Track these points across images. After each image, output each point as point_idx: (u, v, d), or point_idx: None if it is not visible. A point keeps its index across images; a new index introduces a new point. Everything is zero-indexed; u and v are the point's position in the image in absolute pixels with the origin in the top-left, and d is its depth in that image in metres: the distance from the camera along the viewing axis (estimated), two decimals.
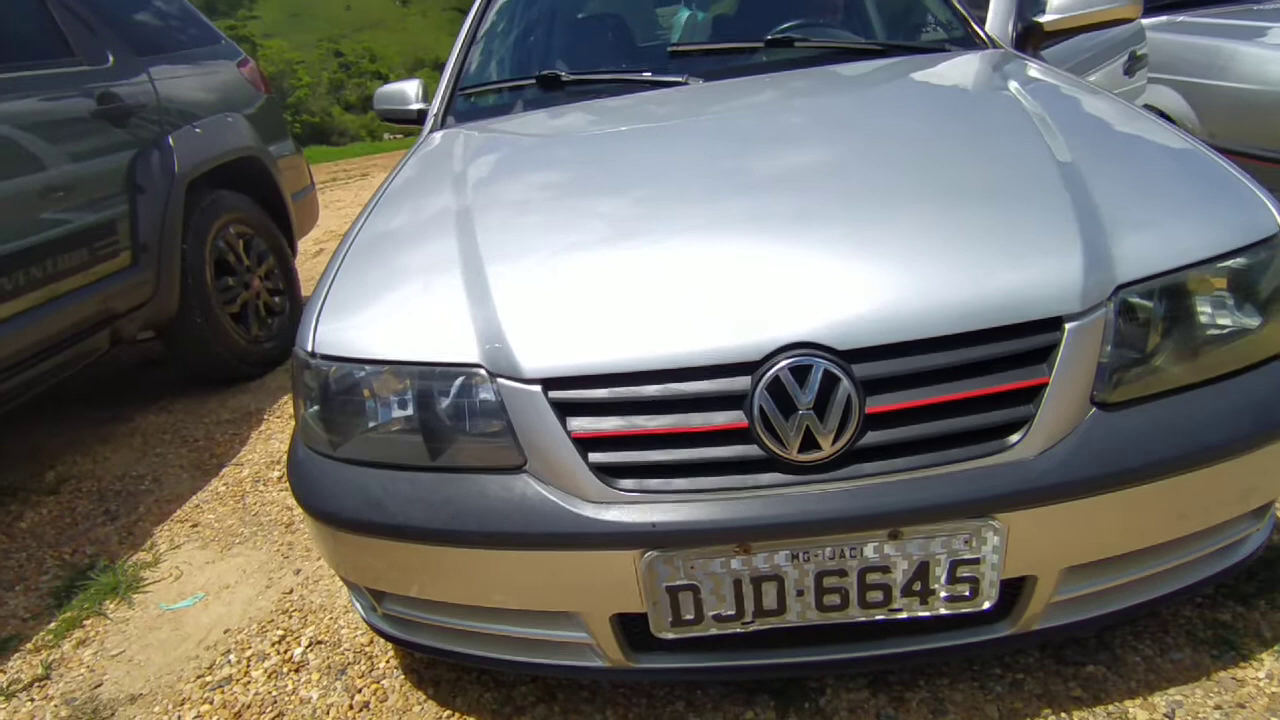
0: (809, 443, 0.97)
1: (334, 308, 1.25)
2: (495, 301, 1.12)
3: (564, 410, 1.03)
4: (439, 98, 2.21)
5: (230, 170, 3.06)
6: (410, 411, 1.12)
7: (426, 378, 1.11)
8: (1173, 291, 1.04)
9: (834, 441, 0.97)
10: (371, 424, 1.15)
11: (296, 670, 1.50)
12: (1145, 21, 3.18)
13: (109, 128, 2.50)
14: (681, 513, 0.99)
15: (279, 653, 1.55)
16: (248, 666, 1.52)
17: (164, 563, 1.95)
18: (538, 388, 1.03)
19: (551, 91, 2.05)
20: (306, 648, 1.55)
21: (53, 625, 1.74)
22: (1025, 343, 0.98)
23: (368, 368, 1.14)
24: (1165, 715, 1.15)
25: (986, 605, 1.03)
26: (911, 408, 0.98)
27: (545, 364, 1.03)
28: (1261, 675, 1.19)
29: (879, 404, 0.98)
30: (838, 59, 1.98)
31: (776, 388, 0.97)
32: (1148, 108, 3.04)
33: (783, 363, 0.97)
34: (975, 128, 1.41)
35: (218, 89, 3.15)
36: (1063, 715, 1.17)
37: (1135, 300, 1.02)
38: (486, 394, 1.07)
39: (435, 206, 1.48)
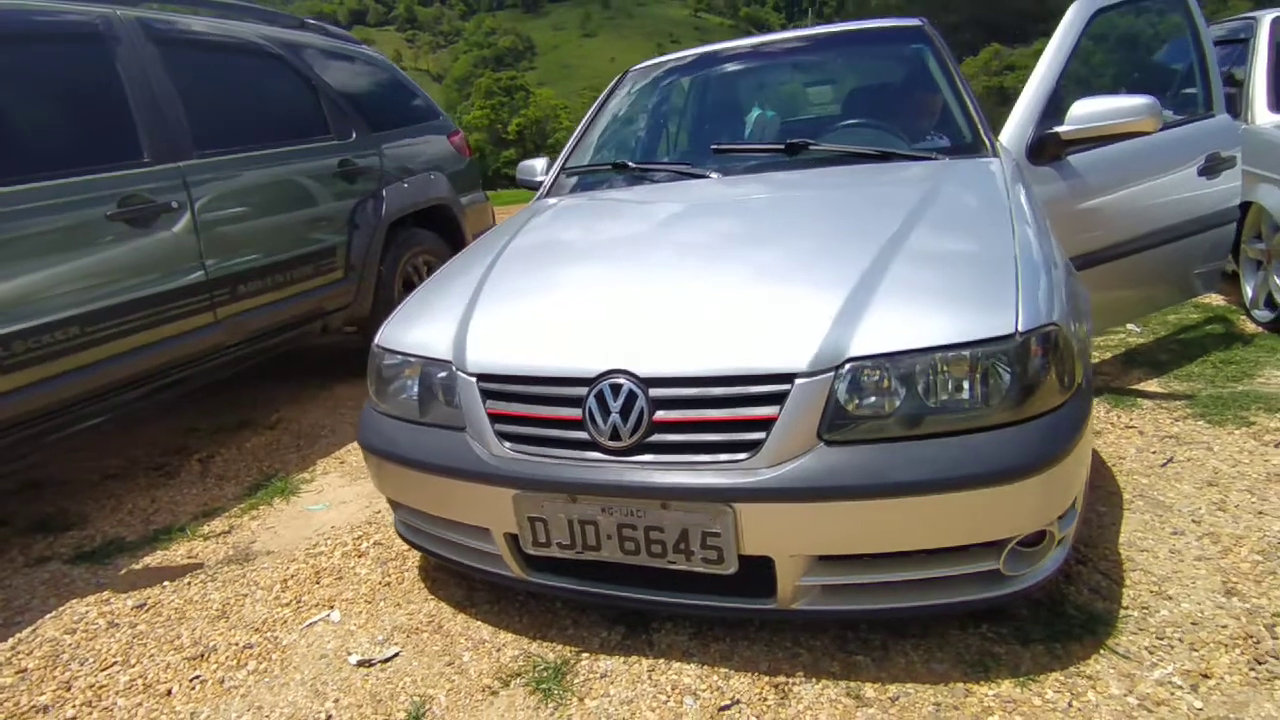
0: (615, 435, 1.49)
1: (398, 316, 1.99)
2: (470, 322, 1.77)
3: (485, 395, 1.64)
4: (550, 174, 2.96)
5: (426, 213, 4.10)
6: (415, 386, 1.80)
7: (427, 366, 1.78)
8: (900, 366, 1.41)
9: (630, 436, 1.48)
10: (396, 392, 1.85)
11: (359, 556, 2.24)
12: (1266, 122, 3.08)
13: (343, 183, 3.60)
14: (536, 469, 1.55)
15: (354, 544, 2.31)
16: (333, 548, 2.30)
17: (315, 482, 2.84)
18: (474, 378, 1.65)
19: (621, 174, 2.70)
20: (371, 544, 2.30)
21: (241, 505, 2.68)
22: (765, 389, 1.42)
23: (399, 356, 1.85)
24: (891, 699, 1.47)
25: (731, 570, 1.46)
26: (683, 421, 1.46)
27: (479, 363, 1.66)
28: (991, 693, 1.46)
29: (663, 415, 1.47)
30: (845, 161, 2.39)
31: (600, 396, 1.50)
32: (1243, 205, 2.99)
33: (605, 381, 1.50)
34: (850, 228, 1.80)
35: (428, 154, 4.24)
36: (812, 680, 1.53)
37: (864, 368, 1.41)
38: (452, 380, 1.71)
39: (486, 253, 2.17)
